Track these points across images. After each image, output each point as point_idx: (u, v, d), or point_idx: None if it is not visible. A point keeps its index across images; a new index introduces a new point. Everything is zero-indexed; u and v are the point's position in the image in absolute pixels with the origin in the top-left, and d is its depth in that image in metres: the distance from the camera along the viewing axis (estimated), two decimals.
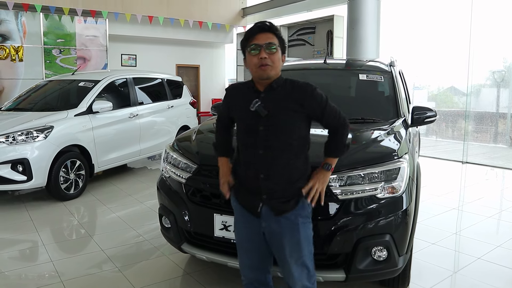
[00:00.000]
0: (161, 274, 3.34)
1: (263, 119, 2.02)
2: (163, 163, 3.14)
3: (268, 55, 1.98)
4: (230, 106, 2.22)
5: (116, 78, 6.57)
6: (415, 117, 3.51)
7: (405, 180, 2.54)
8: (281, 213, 2.06)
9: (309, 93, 2.06)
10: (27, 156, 4.92)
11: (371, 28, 8.30)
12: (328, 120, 2.11)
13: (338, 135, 2.15)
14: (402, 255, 2.56)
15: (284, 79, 2.09)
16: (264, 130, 2.03)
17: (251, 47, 2.01)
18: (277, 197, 2.06)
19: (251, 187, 2.11)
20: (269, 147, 2.03)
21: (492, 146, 10.03)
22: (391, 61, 4.11)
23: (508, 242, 4.04)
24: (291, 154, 2.06)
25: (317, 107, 2.06)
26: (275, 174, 2.04)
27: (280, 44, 2.04)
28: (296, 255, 2.06)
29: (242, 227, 2.19)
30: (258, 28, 2.02)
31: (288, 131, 2.04)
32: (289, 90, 2.06)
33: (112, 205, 5.23)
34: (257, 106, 2.02)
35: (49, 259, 3.60)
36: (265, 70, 1.99)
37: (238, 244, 2.23)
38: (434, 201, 5.39)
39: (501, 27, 9.05)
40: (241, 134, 2.15)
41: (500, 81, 9.59)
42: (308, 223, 2.12)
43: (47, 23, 9.83)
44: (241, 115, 2.13)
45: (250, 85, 2.11)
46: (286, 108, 2.03)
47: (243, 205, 2.16)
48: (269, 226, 2.08)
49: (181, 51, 13.52)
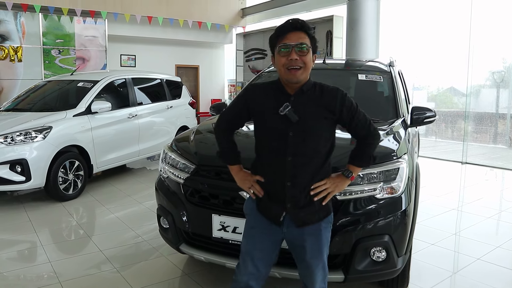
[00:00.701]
0: (159, 274, 3.33)
1: (294, 125, 1.91)
2: (161, 164, 3.13)
3: (299, 56, 1.88)
4: (250, 107, 2.04)
5: (115, 79, 6.56)
6: (414, 117, 3.50)
7: (404, 180, 2.53)
8: (304, 225, 1.99)
9: (340, 98, 1.97)
10: (26, 157, 4.91)
11: (370, 29, 8.30)
12: (357, 128, 2.03)
13: (366, 145, 2.08)
14: (401, 256, 2.55)
15: (313, 82, 2.00)
16: (293, 136, 1.92)
17: (280, 46, 1.90)
18: (302, 205, 1.97)
19: (274, 194, 2.00)
20: (298, 154, 1.93)
21: (491, 146, 10.02)
22: (390, 61, 4.10)
23: (507, 243, 4.03)
24: (319, 161, 1.98)
25: (346, 113, 1.97)
26: (302, 182, 1.96)
27: (312, 44, 1.93)
28: (317, 260, 2.02)
29: (256, 234, 2.07)
30: (290, 26, 1.91)
31: (317, 138, 1.95)
32: (319, 95, 1.96)
33: (111, 205, 5.22)
34: (287, 110, 1.89)
35: (48, 260, 3.59)
36: (295, 73, 1.89)
37: (246, 251, 2.08)
38: (434, 201, 5.38)
39: (500, 27, 9.05)
40: (266, 139, 2.01)
41: (500, 82, 9.58)
42: (329, 227, 2.08)
43: (46, 24, 9.83)
44: (268, 118, 1.97)
45: (278, 86, 2.00)
46: (316, 114, 1.94)
47: (264, 213, 2.05)
48: (291, 233, 2.02)
49: (180, 51, 13.52)
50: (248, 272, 2.07)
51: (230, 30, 13.43)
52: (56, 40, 9.98)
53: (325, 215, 2.05)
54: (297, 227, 2.00)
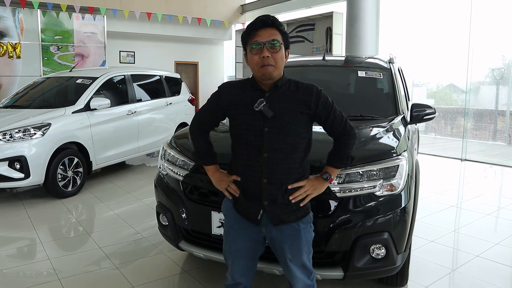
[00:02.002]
0: (159, 271, 3.33)
1: (269, 120, 1.91)
2: (160, 161, 3.12)
3: (270, 53, 1.87)
4: (225, 106, 2.04)
5: (114, 75, 6.54)
6: (414, 114, 3.50)
7: (403, 177, 2.53)
8: (281, 223, 1.99)
9: (315, 94, 1.96)
10: (25, 154, 4.90)
11: (370, 25, 8.27)
12: (333, 125, 2.01)
13: (342, 145, 2.05)
14: (400, 253, 2.55)
15: (288, 78, 1.99)
16: (269, 132, 1.91)
17: (252, 44, 1.89)
18: (279, 203, 1.97)
19: (251, 192, 2.00)
20: (274, 150, 1.92)
21: (491, 143, 10.02)
22: (390, 58, 4.09)
23: (506, 240, 4.03)
24: (296, 158, 1.97)
25: (322, 109, 1.96)
26: (279, 179, 1.95)
27: (284, 40, 1.93)
28: (296, 260, 2.01)
29: (237, 234, 2.07)
30: (261, 23, 1.89)
31: (293, 134, 1.93)
32: (294, 90, 1.96)
33: (110, 202, 5.22)
34: (262, 106, 1.90)
35: (47, 257, 3.59)
36: (267, 70, 1.88)
37: (230, 251, 2.10)
38: (433, 198, 5.38)
39: (500, 24, 9.03)
40: (241, 136, 1.99)
41: (499, 79, 9.57)
42: (309, 227, 2.06)
43: (44, 20, 9.80)
44: (243, 115, 1.96)
45: (252, 83, 1.99)
46: (292, 109, 1.93)
47: (241, 212, 2.05)
48: (270, 232, 2.02)
49: (179, 48, 13.49)
50: (238, 271, 2.10)
51: (230, 26, 13.40)
52: (54, 37, 9.96)
53: (303, 215, 2.04)
54: (275, 226, 1.99)
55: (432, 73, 11.11)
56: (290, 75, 2.07)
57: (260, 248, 2.12)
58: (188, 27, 12.40)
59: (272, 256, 2.17)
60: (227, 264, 2.16)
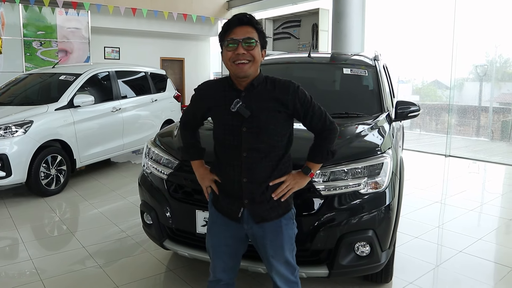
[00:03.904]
0: (143, 270, 3.30)
1: (247, 120, 1.89)
2: (144, 159, 3.09)
3: (246, 50, 1.84)
4: (206, 107, 2.04)
5: (98, 72, 6.45)
6: (398, 111, 3.53)
7: (388, 175, 2.54)
8: (263, 221, 1.98)
9: (292, 91, 1.93)
10: (6, 152, 4.81)
11: (356, 22, 8.29)
12: (312, 122, 1.99)
13: (322, 140, 2.03)
14: (385, 250, 2.56)
15: (264, 76, 1.96)
16: (247, 132, 1.90)
17: (228, 41, 1.86)
18: (260, 201, 1.97)
19: (231, 191, 1.99)
20: (253, 150, 1.91)
21: (474, 139, 10.17)
22: (375, 55, 4.10)
23: (489, 235, 4.09)
24: (276, 156, 1.95)
25: (300, 106, 1.94)
26: (259, 177, 1.94)
27: (260, 39, 1.90)
28: (279, 257, 2.01)
29: (219, 230, 2.07)
30: (237, 21, 1.86)
31: (272, 133, 1.92)
32: (271, 88, 1.93)
33: (94, 200, 5.15)
34: (238, 106, 1.88)
35: (29, 257, 3.53)
36: (242, 68, 1.85)
37: (212, 247, 2.10)
38: (418, 194, 5.43)
39: (484, 22, 9.15)
40: (221, 136, 1.98)
41: (483, 75, 9.71)
42: (291, 224, 2.05)
43: (26, 15, 9.61)
44: (221, 116, 1.96)
45: (228, 82, 1.96)
46: (269, 108, 1.91)
47: (222, 211, 2.05)
48: (251, 229, 2.01)
49: (165, 44, 13.38)
50: (220, 268, 2.10)
51: (216, 22, 13.33)
52: (37, 32, 9.77)
53: (285, 212, 2.02)
54: (256, 223, 1.99)
55: (417, 69, 11.23)
56: (276, 72, 2.05)
57: (242, 246, 2.12)
58: (174, 23, 12.29)
59: (256, 255, 2.16)
60: (210, 259, 2.17)
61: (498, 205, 5.14)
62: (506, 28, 8.87)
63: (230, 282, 2.15)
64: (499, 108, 9.90)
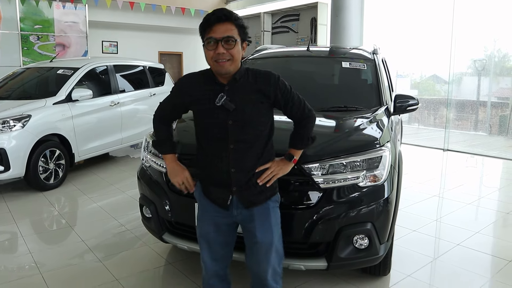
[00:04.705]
0: (143, 264, 3.31)
1: (232, 113, 1.94)
2: (143, 152, 3.09)
3: (226, 49, 1.87)
4: (187, 101, 2.07)
5: (96, 66, 6.42)
6: (397, 105, 3.53)
7: (386, 168, 2.55)
8: (253, 205, 2.04)
9: (273, 82, 2.00)
10: (4, 146, 4.80)
11: (355, 16, 8.27)
12: (292, 111, 2.08)
13: (302, 127, 2.13)
14: (383, 243, 2.58)
15: (245, 68, 2.02)
16: (233, 125, 1.95)
17: (207, 40, 1.88)
18: (247, 187, 2.03)
19: (219, 181, 2.04)
20: (240, 141, 1.97)
21: (472, 133, 10.20)
22: (374, 49, 4.10)
23: (486, 229, 4.11)
24: (260, 145, 2.03)
25: (281, 96, 2.02)
26: (246, 166, 2.01)
27: (240, 34, 1.91)
28: (268, 240, 2.06)
29: (209, 217, 2.11)
30: (215, 19, 1.87)
31: (256, 124, 2.00)
32: (252, 81, 1.99)
33: (93, 194, 5.16)
34: (223, 100, 1.93)
35: (28, 251, 3.53)
36: (223, 66, 1.89)
37: (202, 236, 2.14)
38: (416, 188, 5.45)
39: (483, 16, 9.14)
40: (206, 129, 2.03)
41: (481, 70, 9.71)
42: (276, 207, 2.13)
43: (23, 9, 9.56)
44: (206, 109, 1.99)
45: (211, 76, 1.99)
46: (252, 100, 1.98)
47: (211, 199, 2.09)
48: (241, 214, 2.06)
49: (163, 38, 13.33)
50: (209, 257, 2.14)
51: None
52: (34, 26, 9.72)
53: (272, 194, 2.11)
54: (246, 208, 2.04)
55: (416, 64, 11.23)
56: (275, 66, 2.06)
57: (231, 234, 2.16)
58: (172, 17, 12.24)
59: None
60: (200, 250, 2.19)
61: (495, 198, 5.17)
62: (505, 22, 8.87)
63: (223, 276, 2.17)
64: (497, 102, 9.92)
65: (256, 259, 2.11)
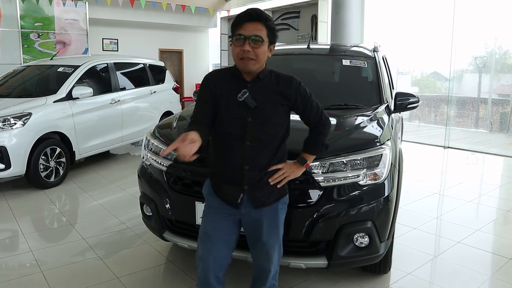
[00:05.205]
0: (143, 262, 3.31)
1: (252, 111, 1.96)
2: (144, 151, 3.09)
3: (252, 48, 1.88)
4: (216, 95, 2.00)
5: (96, 63, 6.42)
6: (398, 103, 3.53)
7: (387, 166, 2.55)
8: (262, 205, 2.04)
9: (295, 86, 2.03)
10: (5, 144, 4.80)
11: (355, 13, 8.25)
12: (310, 116, 2.10)
13: (317, 133, 2.15)
14: (383, 241, 2.58)
15: (269, 70, 2.04)
16: (252, 122, 1.96)
17: (236, 36, 1.91)
18: (259, 186, 2.03)
19: (232, 178, 2.04)
20: (257, 139, 1.98)
21: (473, 131, 10.18)
22: (374, 47, 4.09)
23: (486, 226, 4.11)
24: (275, 145, 2.04)
25: (301, 101, 2.04)
26: (260, 164, 2.02)
27: (269, 35, 1.93)
28: (274, 240, 2.08)
29: (214, 214, 2.08)
30: (247, 16, 1.91)
31: (274, 124, 2.01)
32: (275, 83, 2.02)
33: (94, 192, 5.16)
34: (246, 97, 1.95)
35: (29, 249, 3.54)
36: (247, 64, 1.91)
37: (204, 232, 2.08)
38: (416, 186, 5.45)
39: (483, 13, 9.11)
40: (225, 124, 2.00)
41: (482, 67, 9.69)
42: (284, 209, 2.15)
43: (24, 6, 9.53)
44: (228, 104, 1.99)
45: (235, 72, 2.02)
46: (273, 101, 2.00)
47: (221, 197, 2.08)
48: (249, 213, 2.05)
49: (164, 35, 13.31)
50: (207, 255, 2.05)
51: (215, 13, 13.24)
52: (34, 24, 9.70)
53: (281, 196, 2.12)
54: (255, 208, 2.04)
55: (416, 61, 11.19)
56: (275, 63, 2.07)
57: (234, 232, 2.10)
58: (172, 14, 12.21)
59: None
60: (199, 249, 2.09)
61: (496, 196, 5.16)
62: (505, 19, 8.84)
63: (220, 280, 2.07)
64: (498, 99, 9.89)
65: (259, 257, 2.13)
